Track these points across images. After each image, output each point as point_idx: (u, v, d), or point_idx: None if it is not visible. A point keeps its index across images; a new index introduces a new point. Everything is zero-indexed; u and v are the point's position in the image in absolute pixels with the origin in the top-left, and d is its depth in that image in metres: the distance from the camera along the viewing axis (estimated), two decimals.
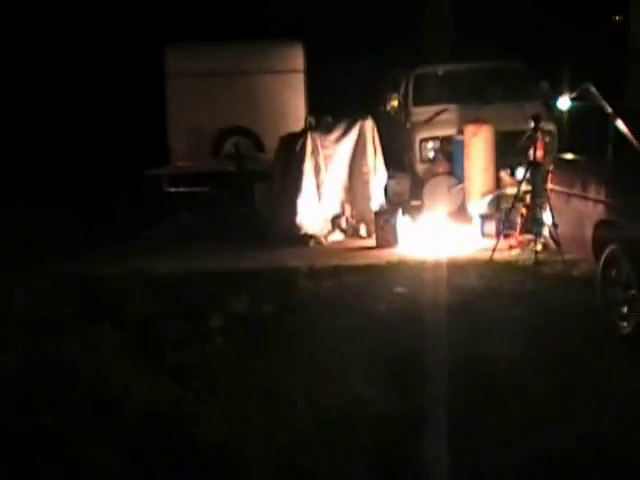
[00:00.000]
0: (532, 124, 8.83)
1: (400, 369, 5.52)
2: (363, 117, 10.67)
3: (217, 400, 5.18)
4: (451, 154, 12.10)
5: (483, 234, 10.19)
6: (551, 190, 7.24)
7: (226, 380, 5.49)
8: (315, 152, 10.27)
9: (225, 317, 6.78)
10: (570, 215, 6.94)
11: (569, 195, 7.01)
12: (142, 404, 5.09)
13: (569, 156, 7.82)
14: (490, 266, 8.45)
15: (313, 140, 10.28)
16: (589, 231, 6.54)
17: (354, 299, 7.39)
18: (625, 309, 6.02)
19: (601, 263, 6.33)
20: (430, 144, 12.29)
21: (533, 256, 8.88)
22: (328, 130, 10.55)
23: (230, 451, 4.46)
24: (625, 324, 6.01)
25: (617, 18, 9.64)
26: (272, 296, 7.45)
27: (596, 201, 6.49)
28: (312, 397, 5.11)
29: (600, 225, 6.40)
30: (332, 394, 5.17)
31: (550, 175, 7.34)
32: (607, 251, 6.24)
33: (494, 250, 8.08)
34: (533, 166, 7.57)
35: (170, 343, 6.23)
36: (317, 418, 4.84)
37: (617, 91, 11.30)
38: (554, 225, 6.96)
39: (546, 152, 11.54)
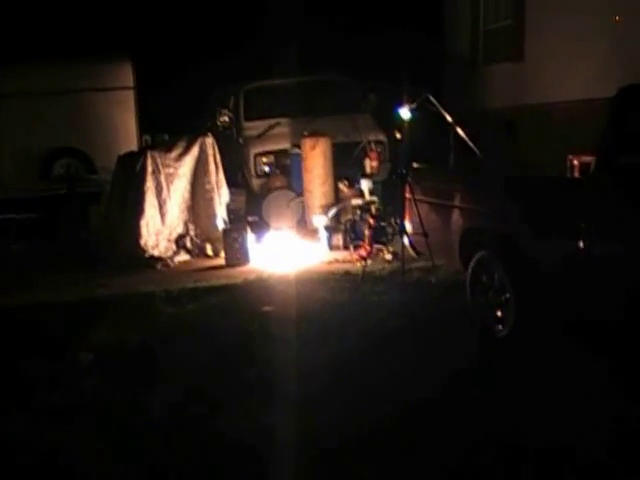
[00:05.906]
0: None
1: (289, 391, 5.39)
2: (203, 134, 10.43)
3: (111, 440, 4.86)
4: (286, 168, 12.12)
5: (331, 246, 10.27)
6: (411, 200, 7.34)
7: (115, 418, 5.16)
8: (156, 171, 9.87)
9: (93, 351, 6.38)
10: (433, 224, 7.07)
11: (431, 204, 7.15)
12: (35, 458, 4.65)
13: (418, 165, 8.01)
14: (350, 277, 8.50)
15: (153, 159, 9.88)
16: (456, 239, 6.67)
17: (222, 321, 7.13)
18: (500, 312, 6.19)
19: (470, 269, 6.49)
20: (265, 159, 12.28)
21: (386, 265, 9.09)
22: (168, 148, 10.19)
23: None
24: (501, 327, 6.17)
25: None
26: (136, 325, 7.06)
27: (461, 209, 6.63)
28: (214, 427, 4.93)
29: (467, 232, 6.54)
30: (233, 423, 4.98)
31: (408, 185, 7.44)
32: (476, 257, 6.40)
33: (365, 263, 8.20)
34: (399, 176, 7.61)
35: (39, 383, 5.76)
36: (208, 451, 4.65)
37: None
38: (425, 235, 7.06)
39: (380, 162, 11.93)
